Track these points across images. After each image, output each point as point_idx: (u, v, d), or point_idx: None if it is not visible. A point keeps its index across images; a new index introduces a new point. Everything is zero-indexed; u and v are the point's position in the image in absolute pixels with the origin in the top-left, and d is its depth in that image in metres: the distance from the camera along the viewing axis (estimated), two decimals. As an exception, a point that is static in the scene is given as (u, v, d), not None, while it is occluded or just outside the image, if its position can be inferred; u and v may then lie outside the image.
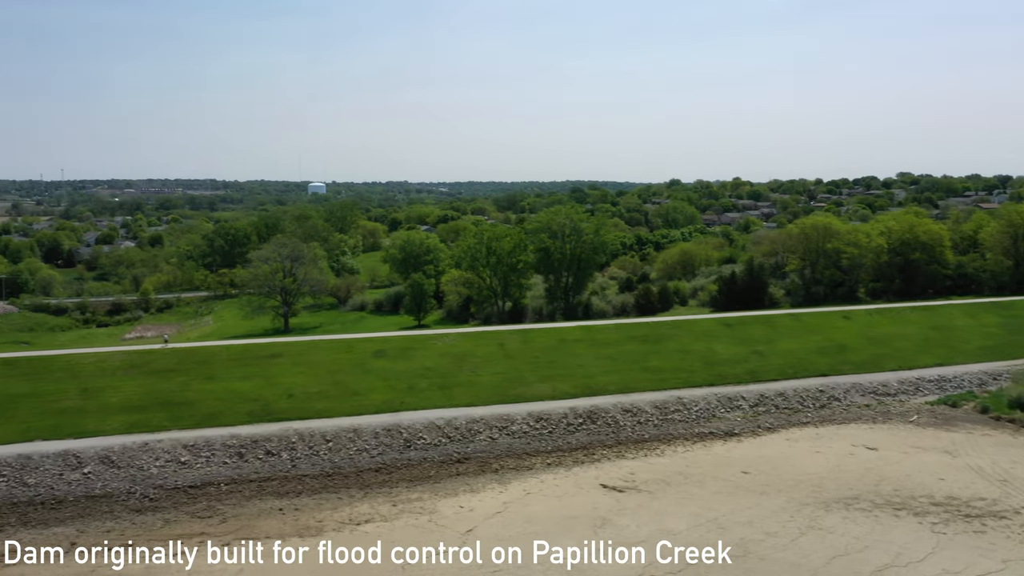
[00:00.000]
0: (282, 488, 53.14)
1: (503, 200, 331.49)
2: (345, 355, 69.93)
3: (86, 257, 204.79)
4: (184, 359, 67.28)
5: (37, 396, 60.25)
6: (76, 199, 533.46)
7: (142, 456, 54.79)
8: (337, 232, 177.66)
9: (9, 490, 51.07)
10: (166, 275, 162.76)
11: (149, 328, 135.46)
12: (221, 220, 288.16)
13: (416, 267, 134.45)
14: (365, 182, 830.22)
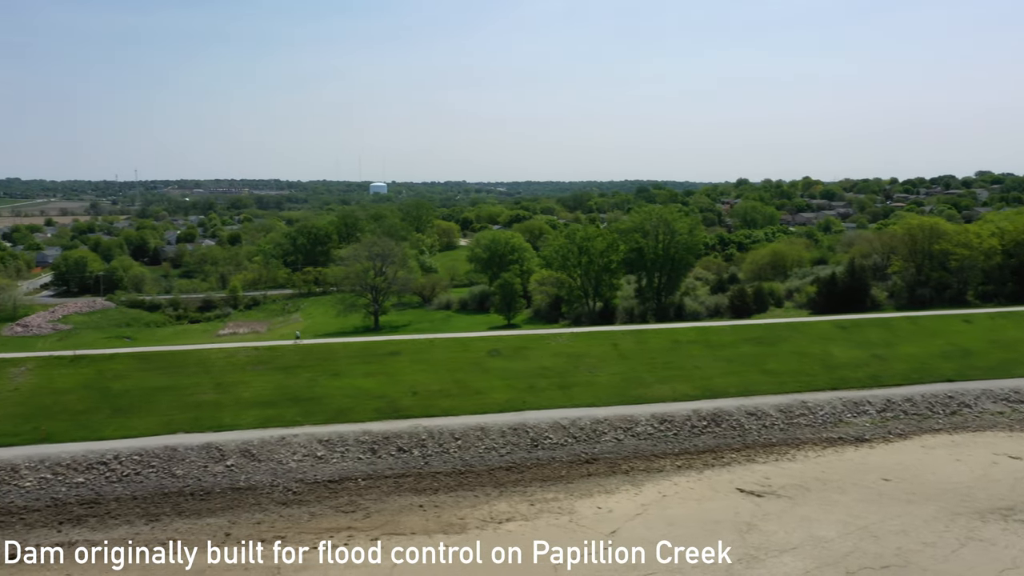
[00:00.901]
0: (418, 484, 53.66)
1: (569, 200, 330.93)
2: (462, 353, 70.37)
3: (170, 255, 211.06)
4: (307, 355, 68.57)
5: (174, 390, 62.07)
6: (149, 199, 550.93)
7: (280, 450, 55.94)
8: (415, 231, 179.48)
9: (160, 480, 52.66)
10: (251, 273, 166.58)
11: (241, 325, 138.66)
12: (296, 219, 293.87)
13: (501, 266, 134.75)
14: (424, 182, 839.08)
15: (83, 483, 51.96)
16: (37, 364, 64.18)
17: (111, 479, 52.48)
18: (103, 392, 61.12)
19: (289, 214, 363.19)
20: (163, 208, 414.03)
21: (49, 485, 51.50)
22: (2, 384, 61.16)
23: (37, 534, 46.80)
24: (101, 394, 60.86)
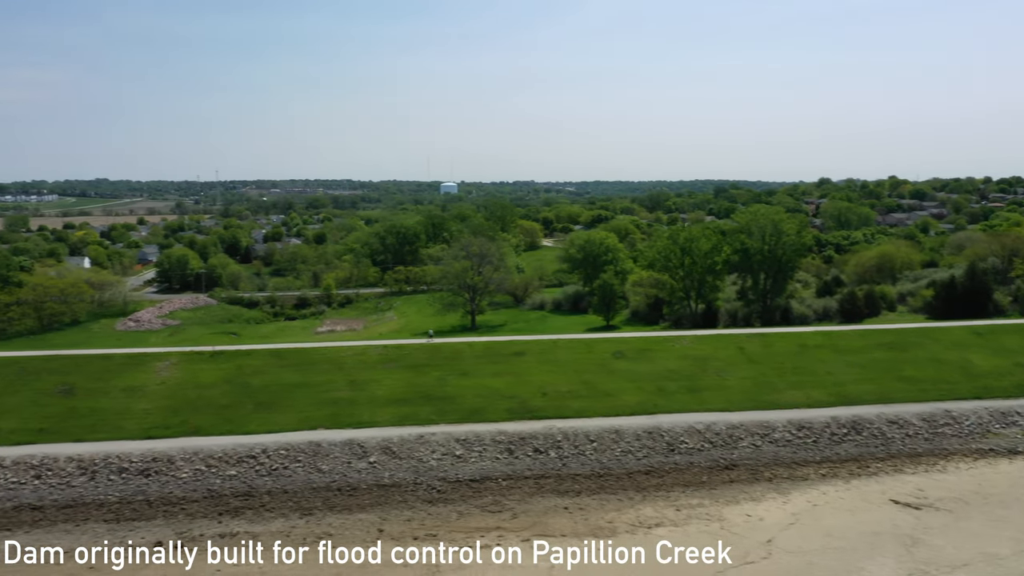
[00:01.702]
0: (559, 486, 53.42)
1: (646, 200, 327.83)
2: (586, 355, 69.97)
3: (260, 253, 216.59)
4: (434, 354, 69.18)
5: (310, 386, 63.36)
6: (229, 198, 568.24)
7: (420, 448, 56.45)
8: (500, 231, 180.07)
9: (307, 475, 53.73)
10: (343, 272, 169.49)
11: (337, 322, 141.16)
12: (374, 219, 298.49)
13: (595, 267, 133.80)
14: (493, 182, 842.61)
15: (235, 476, 53.41)
16: (180, 359, 66.39)
17: (261, 473, 53.80)
18: (243, 387, 62.79)
19: (366, 213, 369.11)
20: (245, 208, 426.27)
21: (204, 477, 53.09)
22: (149, 378, 63.45)
23: (199, 524, 48.26)
24: (242, 389, 62.53)
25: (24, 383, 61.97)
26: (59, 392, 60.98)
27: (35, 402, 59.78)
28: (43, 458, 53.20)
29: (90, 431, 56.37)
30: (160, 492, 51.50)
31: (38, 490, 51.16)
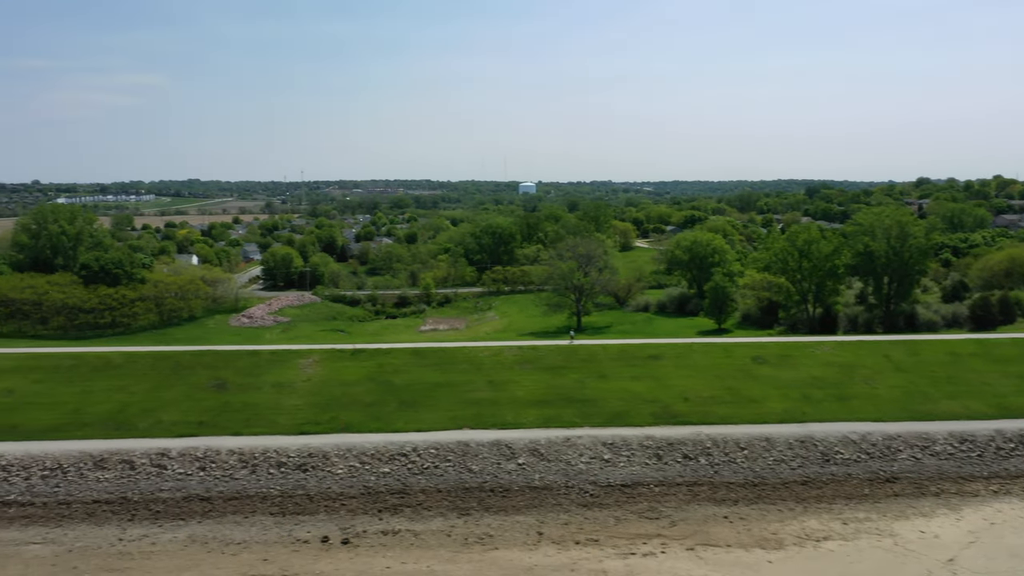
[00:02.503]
0: (714, 494, 52.16)
1: (735, 200, 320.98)
2: (725, 359, 68.39)
3: (355, 252, 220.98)
4: (570, 356, 68.78)
5: (451, 386, 63.76)
6: (314, 198, 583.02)
7: (567, 451, 56.03)
8: (596, 232, 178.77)
9: (458, 475, 53.96)
10: (440, 271, 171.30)
11: (440, 321, 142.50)
12: (459, 219, 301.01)
13: (701, 268, 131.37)
14: (570, 182, 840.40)
15: (389, 473, 54.05)
16: (323, 356, 67.80)
17: (413, 471, 54.30)
18: (387, 385, 63.62)
19: (450, 213, 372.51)
20: (333, 207, 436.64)
21: (359, 474, 53.89)
22: (295, 375, 64.96)
23: (361, 520, 48.96)
24: (385, 387, 63.36)
25: (179, 377, 64.29)
26: (213, 386, 63.02)
27: (191, 396, 61.92)
28: (206, 450, 54.96)
29: (246, 425, 57.97)
30: (319, 487, 52.51)
31: (204, 481, 52.84)
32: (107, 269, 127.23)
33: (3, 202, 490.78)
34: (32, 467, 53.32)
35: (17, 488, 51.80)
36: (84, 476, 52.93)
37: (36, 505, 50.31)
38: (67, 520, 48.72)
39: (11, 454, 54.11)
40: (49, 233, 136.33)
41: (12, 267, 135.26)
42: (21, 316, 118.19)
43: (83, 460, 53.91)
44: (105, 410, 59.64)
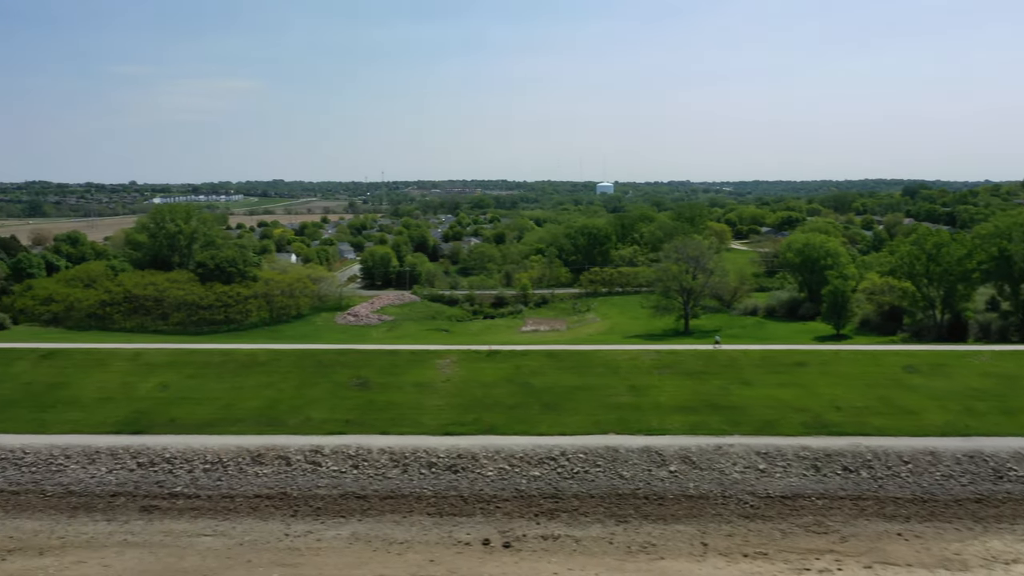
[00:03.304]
0: (882, 510, 49.86)
1: (829, 200, 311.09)
2: (874, 368, 65.68)
3: (446, 252, 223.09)
4: (709, 361, 67.23)
5: (590, 389, 63.02)
6: (394, 198, 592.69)
7: (719, 459, 54.53)
8: (695, 234, 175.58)
9: (610, 481, 53.11)
10: (535, 271, 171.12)
11: (540, 322, 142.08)
12: (543, 219, 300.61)
13: (812, 272, 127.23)
14: (647, 182, 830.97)
15: (539, 477, 53.59)
16: (459, 357, 68.04)
17: (563, 475, 53.72)
18: (525, 387, 63.31)
19: (531, 213, 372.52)
20: (415, 207, 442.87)
21: (509, 476, 53.61)
22: (434, 375, 65.32)
23: (519, 524, 48.60)
24: (525, 389, 63.06)
25: (323, 375, 65.45)
26: (355, 385, 63.89)
27: (335, 394, 62.90)
28: (357, 448, 55.61)
29: (392, 424, 58.46)
30: (471, 489, 52.45)
31: (359, 480, 53.43)
32: (222, 267, 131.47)
33: (103, 201, 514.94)
34: (194, 460, 54.95)
35: (182, 480, 53.44)
36: (243, 471, 54.23)
37: (202, 498, 51.76)
38: (233, 514, 49.94)
39: (174, 447, 55.90)
40: (167, 232, 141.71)
41: (133, 264, 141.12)
42: (143, 312, 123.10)
43: (241, 455, 55.27)
44: (256, 406, 61.11)
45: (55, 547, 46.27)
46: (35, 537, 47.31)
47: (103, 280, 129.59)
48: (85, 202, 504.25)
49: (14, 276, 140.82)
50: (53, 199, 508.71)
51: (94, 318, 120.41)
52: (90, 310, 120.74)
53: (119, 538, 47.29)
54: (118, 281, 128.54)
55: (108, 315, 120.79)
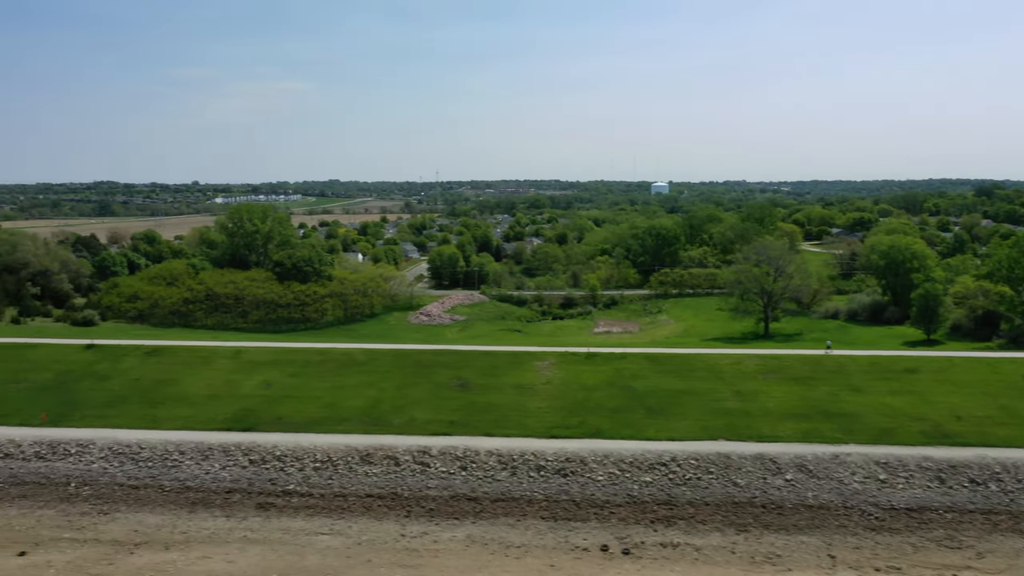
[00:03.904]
0: (1016, 525, 47.65)
1: (898, 200, 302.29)
2: (991, 376, 63.20)
3: (509, 252, 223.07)
4: (815, 367, 65.53)
5: (695, 394, 61.85)
6: (448, 198, 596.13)
7: (837, 469, 52.87)
8: (766, 235, 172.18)
9: (724, 488, 51.89)
10: (603, 272, 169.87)
11: (612, 324, 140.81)
12: (602, 219, 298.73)
13: (897, 275, 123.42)
14: (702, 181, 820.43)
15: (651, 482, 52.67)
16: (557, 359, 67.50)
17: (675, 481, 52.70)
18: (628, 391, 62.44)
19: (588, 213, 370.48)
20: (471, 207, 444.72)
21: (619, 481, 52.81)
22: (534, 377, 64.86)
23: (635, 530, 47.75)
24: (627, 393, 62.20)
25: (422, 375, 65.55)
26: (456, 386, 63.79)
27: (437, 395, 62.89)
28: (464, 450, 55.44)
29: (496, 426, 58.15)
30: (582, 493, 51.80)
31: (468, 481, 53.21)
32: (299, 266, 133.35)
33: (168, 201, 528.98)
34: (304, 459, 55.42)
35: (294, 479, 53.93)
36: (353, 470, 54.49)
37: (315, 496, 52.11)
38: (347, 513, 50.14)
39: (284, 445, 56.48)
40: (245, 231, 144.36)
41: (212, 263, 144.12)
42: (224, 309, 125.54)
43: (350, 454, 55.56)
44: (359, 405, 61.45)
45: (179, 542, 47.05)
46: (158, 531, 48.17)
47: (185, 278, 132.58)
48: (151, 202, 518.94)
49: (98, 274, 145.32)
50: (121, 199, 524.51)
51: (177, 315, 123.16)
52: (173, 307, 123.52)
53: (239, 534, 47.86)
54: (199, 279, 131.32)
55: (190, 312, 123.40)
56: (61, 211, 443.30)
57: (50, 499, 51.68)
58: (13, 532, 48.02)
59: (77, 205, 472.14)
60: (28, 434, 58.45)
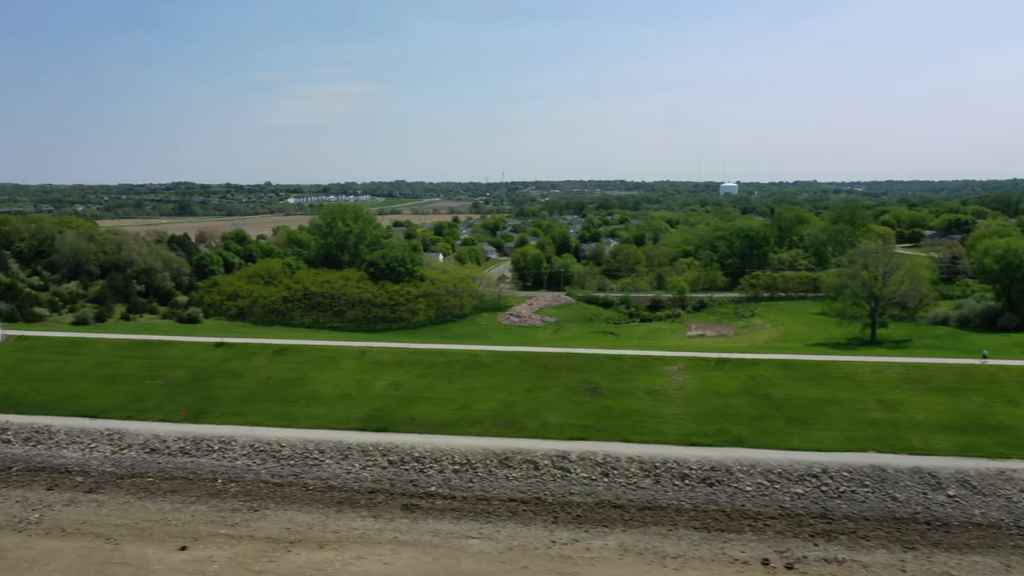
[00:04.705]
0: None
1: (991, 200, 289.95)
2: None
3: (587, 253, 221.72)
4: (963, 377, 62.63)
5: (836, 403, 59.77)
6: (514, 199, 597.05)
7: (1004, 486, 50.23)
8: (861, 238, 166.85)
9: (882, 503, 49.78)
10: (690, 274, 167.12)
11: (705, 327, 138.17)
12: (676, 220, 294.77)
13: (1014, 279, 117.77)
14: (771, 182, 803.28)
15: (803, 495, 50.89)
16: (687, 364, 66.15)
17: (828, 494, 50.79)
18: (765, 399, 60.70)
19: (660, 214, 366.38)
20: (540, 207, 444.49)
21: (770, 492, 51.16)
22: (665, 382, 63.63)
23: (795, 544, 46.03)
24: (765, 401, 60.46)
25: (550, 379, 64.96)
26: (586, 390, 63.00)
27: (567, 398, 62.18)
28: (604, 456, 54.55)
29: (632, 432, 57.13)
30: (731, 504, 50.35)
31: (611, 488, 52.30)
32: (392, 267, 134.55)
33: (243, 201, 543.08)
34: (443, 460, 55.33)
35: (435, 480, 53.85)
36: (492, 473, 54.14)
37: (457, 499, 51.88)
38: (493, 517, 49.71)
39: (421, 446, 56.52)
40: (338, 231, 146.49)
41: (306, 263, 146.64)
42: (320, 308, 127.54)
43: (487, 457, 55.24)
44: (491, 408, 61.16)
45: (332, 541, 47.33)
46: (310, 530, 48.57)
47: (282, 277, 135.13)
48: (227, 202, 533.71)
49: (196, 272, 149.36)
50: (198, 199, 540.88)
51: (275, 313, 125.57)
52: (272, 306, 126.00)
53: (389, 535, 47.90)
54: (296, 278, 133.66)
55: (288, 311, 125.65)
56: (144, 211, 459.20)
57: (200, 494, 52.68)
58: (170, 526, 49.05)
59: (158, 205, 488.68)
60: (171, 430, 59.92)
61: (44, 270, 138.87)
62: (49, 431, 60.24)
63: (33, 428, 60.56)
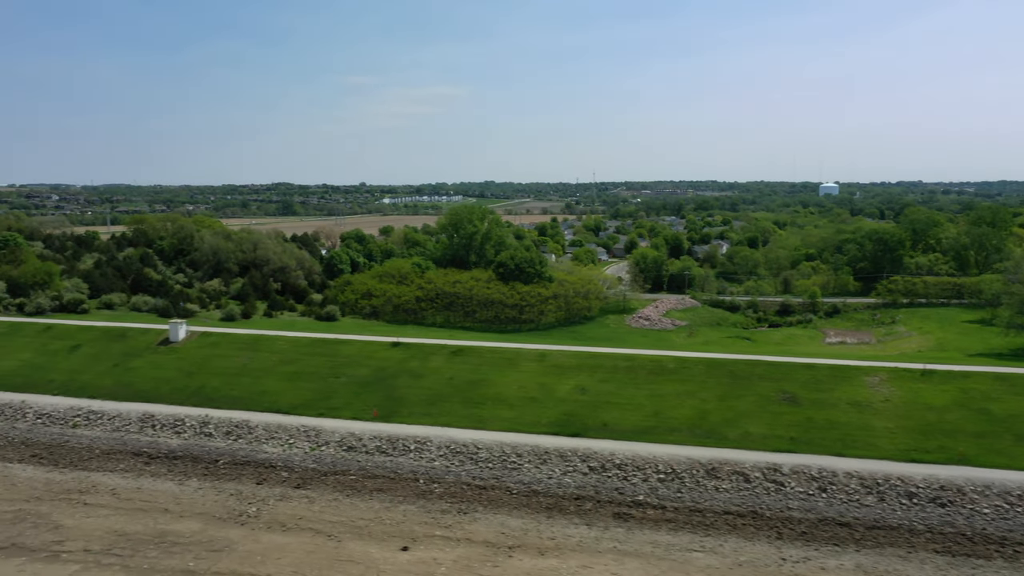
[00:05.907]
0: None
1: None
2: None
3: (701, 255, 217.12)
4: None
5: None
6: (605, 199, 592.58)
7: None
8: (1009, 243, 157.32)
9: None
10: (819, 277, 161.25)
11: (844, 334, 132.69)
12: (784, 222, 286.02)
13: None
14: (872, 182, 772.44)
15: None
16: (887, 375, 62.83)
17: (1080, 520, 46.94)
18: (984, 414, 56.92)
19: (762, 215, 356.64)
20: (635, 208, 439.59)
21: (1011, 516, 47.61)
22: (868, 394, 60.56)
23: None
24: (984, 416, 56.69)
25: (743, 387, 62.73)
26: (783, 399, 60.54)
27: (765, 408, 59.84)
28: (819, 470, 52.02)
29: (843, 446, 54.36)
30: (970, 526, 47.00)
31: (832, 504, 49.72)
32: (521, 267, 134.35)
33: (340, 201, 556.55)
34: (646, 468, 53.87)
35: (640, 489, 52.43)
36: (700, 484, 52.35)
37: (669, 509, 50.29)
38: (712, 530, 47.92)
39: (621, 453, 55.22)
40: (465, 232, 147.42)
41: (434, 263, 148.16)
42: (451, 308, 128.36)
43: (693, 467, 53.48)
44: (685, 416, 59.39)
45: (550, 548, 46.46)
46: (525, 535, 47.84)
47: (413, 277, 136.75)
48: (325, 202, 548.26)
49: (326, 271, 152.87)
50: (298, 199, 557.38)
51: (407, 312, 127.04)
52: (406, 305, 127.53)
53: (608, 545, 46.71)
54: (427, 278, 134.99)
55: (421, 310, 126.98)
56: (250, 210, 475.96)
57: (407, 494, 52.74)
58: (385, 526, 49.16)
59: (262, 205, 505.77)
60: (365, 428, 60.48)
61: (187, 268, 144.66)
62: (247, 426, 61.70)
63: (232, 423, 62.14)
